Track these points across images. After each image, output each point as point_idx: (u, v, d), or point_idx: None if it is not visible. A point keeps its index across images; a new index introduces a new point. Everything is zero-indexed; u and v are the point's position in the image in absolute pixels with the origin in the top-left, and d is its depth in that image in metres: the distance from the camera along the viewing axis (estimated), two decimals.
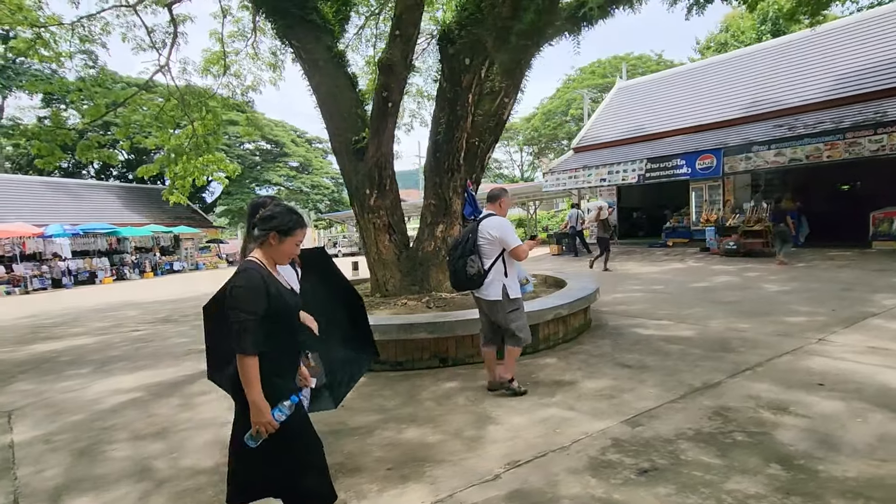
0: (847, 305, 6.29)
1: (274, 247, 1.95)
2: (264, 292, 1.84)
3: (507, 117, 6.98)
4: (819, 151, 11.49)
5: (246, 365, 1.77)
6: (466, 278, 3.69)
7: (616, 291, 8.80)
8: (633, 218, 19.40)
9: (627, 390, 3.77)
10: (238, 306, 1.80)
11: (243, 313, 1.79)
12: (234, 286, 1.84)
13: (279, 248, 1.96)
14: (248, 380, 1.78)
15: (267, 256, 1.96)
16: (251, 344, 1.78)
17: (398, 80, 5.54)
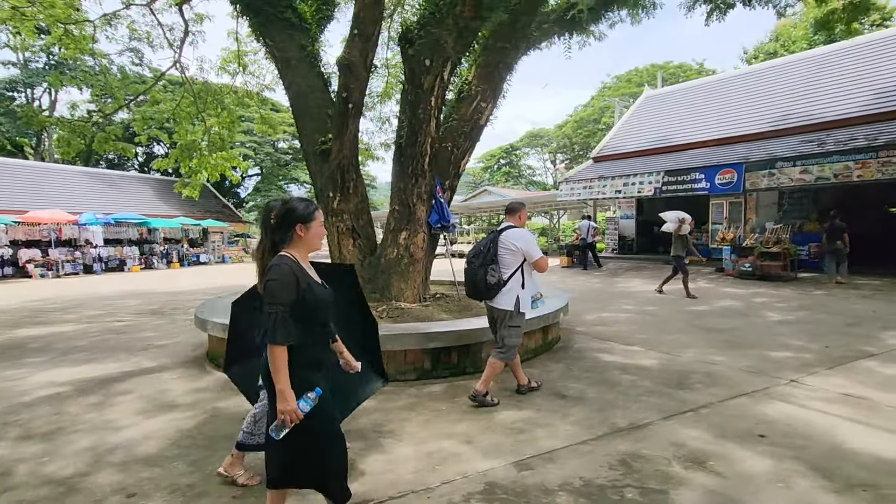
0: (845, 342, 5.66)
1: (303, 237, 2.04)
2: (294, 284, 1.92)
3: (485, 122, 6.69)
4: (849, 170, 10.59)
5: (276, 354, 1.85)
6: (486, 287, 3.77)
7: (606, 310, 8.32)
8: (654, 233, 18.53)
9: (543, 425, 3.43)
10: (272, 299, 1.88)
11: (277, 305, 1.87)
12: (268, 280, 1.92)
13: (308, 236, 2.05)
14: (277, 368, 1.85)
15: (299, 249, 2.05)
16: (282, 335, 1.85)
17: (358, 81, 5.36)
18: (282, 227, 2.03)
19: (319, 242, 2.14)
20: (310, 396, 1.90)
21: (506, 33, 6.11)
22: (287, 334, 1.87)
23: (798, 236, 12.59)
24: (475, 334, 4.67)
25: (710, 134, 15.57)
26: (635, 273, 13.89)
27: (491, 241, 3.88)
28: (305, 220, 2.04)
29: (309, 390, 1.91)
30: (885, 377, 4.36)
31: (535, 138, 56.97)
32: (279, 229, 2.04)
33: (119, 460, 3.00)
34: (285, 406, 1.84)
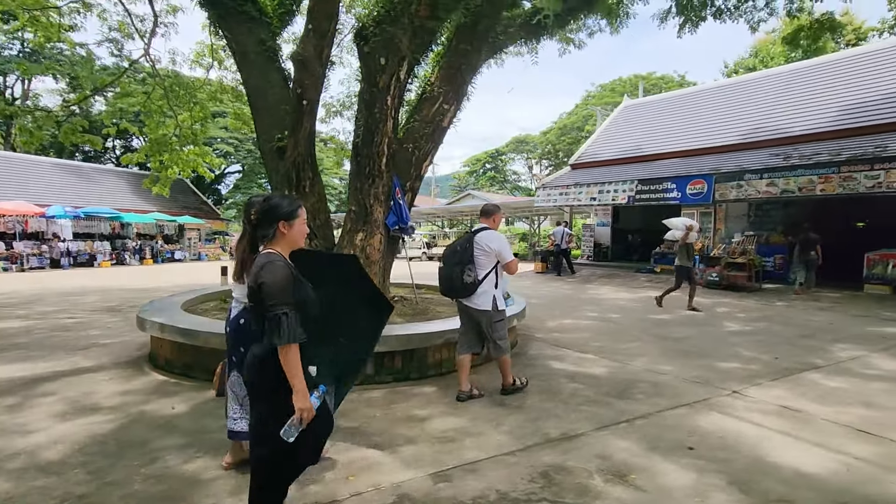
0: (795, 354, 5.70)
1: (287, 234, 2.02)
2: (293, 281, 1.91)
3: (447, 124, 6.62)
4: (812, 184, 10.79)
5: (291, 354, 1.83)
6: (462, 286, 3.91)
7: (569, 317, 8.30)
8: (629, 240, 18.70)
9: (474, 434, 3.34)
10: (275, 299, 1.84)
11: (282, 305, 1.83)
12: (263, 281, 1.86)
13: (292, 233, 2.03)
14: (292, 368, 1.83)
15: (283, 246, 2.02)
16: (293, 333, 1.83)
17: (313, 78, 5.23)
18: (264, 223, 2.02)
19: (303, 239, 2.12)
20: (317, 394, 1.92)
21: (468, 35, 6.05)
22: (298, 332, 1.85)
23: (764, 248, 12.79)
24: (421, 339, 4.58)
25: (684, 145, 15.77)
26: (607, 280, 13.95)
27: (467, 241, 4.00)
28: (289, 217, 2.02)
29: (314, 388, 1.92)
30: (826, 390, 4.38)
31: (521, 144, 57.33)
32: (261, 226, 2.03)
33: (16, 467, 2.82)
34: (304, 404, 1.84)
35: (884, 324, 7.64)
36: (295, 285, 1.92)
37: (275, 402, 1.89)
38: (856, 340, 6.42)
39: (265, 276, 1.87)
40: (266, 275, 1.87)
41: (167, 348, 4.87)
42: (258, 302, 1.89)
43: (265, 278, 1.87)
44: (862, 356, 5.61)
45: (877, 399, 4.12)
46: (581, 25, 13.02)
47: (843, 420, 3.63)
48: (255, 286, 1.89)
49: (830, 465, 2.91)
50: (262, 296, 1.86)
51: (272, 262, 1.91)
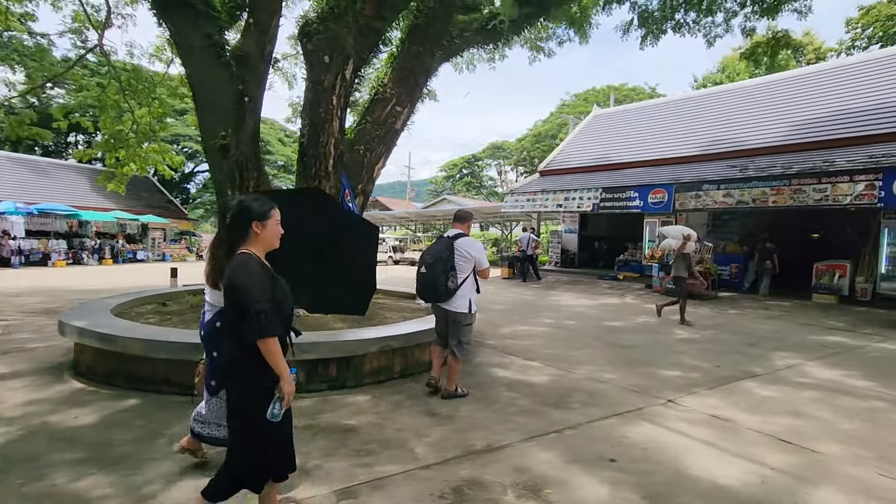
0: (737, 362, 5.78)
1: (261, 234, 2.03)
2: (268, 280, 1.97)
3: (401, 127, 6.52)
4: (765, 196, 11.10)
5: (272, 346, 1.91)
6: (445, 291, 4.05)
7: (526, 323, 8.27)
8: (595, 247, 18.93)
9: (396, 446, 3.22)
10: (251, 296, 1.88)
11: (259, 302, 1.88)
12: (237, 281, 1.91)
13: (266, 234, 2.05)
14: (276, 358, 1.93)
15: (258, 247, 2.05)
16: (273, 327, 1.91)
17: (255, 74, 5.07)
18: (237, 225, 2.03)
19: (277, 240, 2.12)
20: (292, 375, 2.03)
21: (420, 37, 5.98)
22: (276, 325, 1.94)
23: (721, 257, 13.11)
24: (357, 346, 4.45)
25: (648, 154, 16.07)
26: (570, 287, 14.05)
27: (447, 248, 4.11)
28: (261, 218, 2.04)
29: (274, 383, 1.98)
30: (759, 399, 4.43)
31: (498, 150, 57.74)
32: (235, 228, 2.04)
33: None
34: (291, 387, 1.97)
35: (826, 332, 7.86)
36: (272, 284, 1.98)
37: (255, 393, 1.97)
38: (796, 349, 6.57)
39: (239, 276, 1.92)
40: (240, 275, 1.92)
41: (88, 354, 4.60)
42: (232, 301, 1.93)
43: (239, 279, 1.91)
44: (798, 364, 5.73)
45: (805, 408, 4.18)
46: (551, 34, 13.18)
47: (768, 430, 3.66)
48: (228, 286, 1.93)
49: (747, 477, 2.90)
50: (236, 295, 1.90)
51: (246, 262, 1.96)
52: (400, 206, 48.49)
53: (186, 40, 6.06)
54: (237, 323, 1.93)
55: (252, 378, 1.98)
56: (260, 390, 1.96)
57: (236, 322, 1.94)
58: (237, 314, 1.91)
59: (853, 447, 3.37)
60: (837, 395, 4.58)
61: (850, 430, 3.70)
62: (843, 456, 3.23)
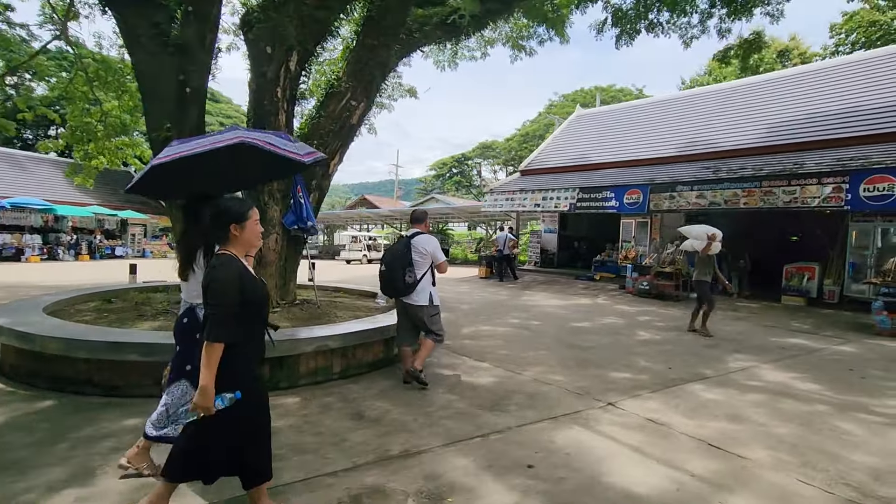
0: (691, 364, 5.73)
1: (239, 236, 2.04)
2: (239, 283, 1.95)
3: (357, 122, 6.39)
4: (737, 197, 11.11)
5: (213, 351, 1.88)
6: (404, 286, 4.34)
7: (489, 323, 8.18)
8: (575, 247, 18.93)
9: (311, 451, 3.10)
10: (216, 298, 1.91)
11: (220, 306, 1.90)
12: (212, 280, 1.93)
13: (245, 235, 2.05)
14: (209, 365, 1.88)
15: (237, 248, 2.05)
16: (223, 332, 1.89)
17: (197, 64, 4.90)
18: (216, 227, 2.04)
19: (258, 240, 2.14)
20: (227, 396, 1.95)
21: (374, 30, 5.84)
22: (228, 333, 1.90)
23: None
24: (291, 345, 4.30)
25: (627, 155, 16.07)
26: (546, 286, 14.00)
27: (405, 246, 4.40)
28: (239, 220, 2.03)
29: (234, 389, 1.97)
30: (701, 402, 4.36)
31: (487, 149, 57.72)
32: (214, 229, 2.05)
33: None
34: (203, 402, 1.89)
35: (788, 335, 7.85)
36: (243, 288, 1.97)
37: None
38: (754, 351, 6.54)
39: (216, 275, 1.94)
40: (217, 275, 1.94)
41: (11, 354, 4.42)
42: (205, 300, 1.96)
43: (215, 277, 1.93)
44: (752, 367, 5.69)
45: (744, 412, 4.12)
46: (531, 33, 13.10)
47: (701, 434, 3.59)
48: (204, 286, 1.96)
49: (664, 484, 2.82)
50: (206, 294, 1.93)
51: (224, 262, 1.97)
52: (387, 204, 48.25)
53: (133, 29, 5.87)
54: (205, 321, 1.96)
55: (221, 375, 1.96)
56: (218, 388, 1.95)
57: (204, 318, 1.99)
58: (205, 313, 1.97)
59: (781, 453, 3.30)
60: (781, 398, 4.53)
61: (783, 434, 3.64)
62: (769, 462, 3.16)
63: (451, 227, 38.47)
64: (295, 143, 3.26)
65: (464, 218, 29.89)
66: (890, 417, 4.09)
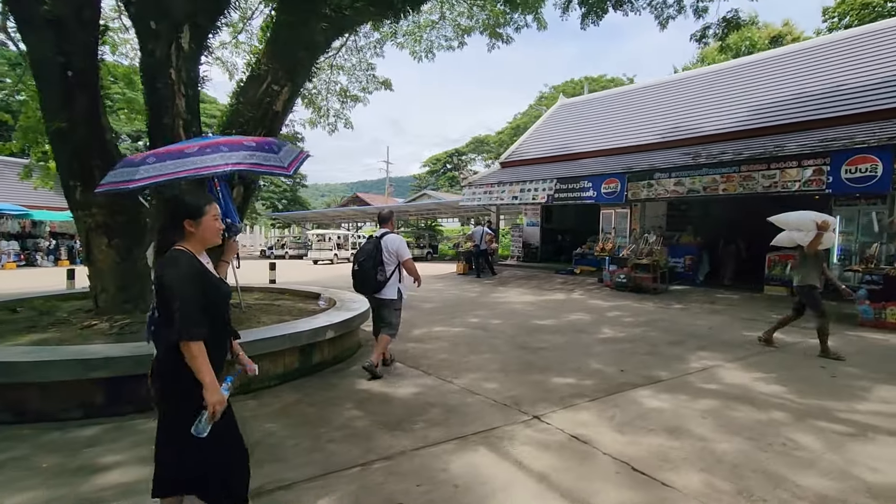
0: (647, 365, 5.21)
1: (195, 232, 1.93)
2: (200, 276, 1.86)
3: (281, 109, 5.84)
4: (716, 183, 10.56)
5: (195, 350, 1.76)
6: (376, 283, 4.68)
7: (446, 323, 7.65)
8: (558, 240, 18.37)
9: (142, 490, 2.58)
10: (175, 293, 1.77)
11: (183, 299, 1.77)
12: (163, 274, 1.80)
13: (201, 231, 1.94)
14: (200, 364, 1.77)
15: (193, 244, 1.94)
16: (198, 330, 1.77)
17: (75, 43, 4.37)
18: (171, 223, 1.95)
19: (216, 236, 1.99)
20: (226, 383, 1.89)
21: (289, 5, 5.29)
22: (197, 328, 1.78)
23: (676, 248, 12.58)
24: None
25: (606, 143, 15.52)
26: (524, 282, 13.47)
27: (375, 246, 4.72)
28: (194, 216, 1.93)
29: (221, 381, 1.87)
30: (642, 412, 3.84)
31: (480, 144, 57.19)
32: (169, 225, 1.95)
33: None
34: (214, 397, 1.79)
35: (764, 328, 7.32)
36: (202, 280, 1.87)
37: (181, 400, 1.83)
38: (720, 348, 6.01)
39: (168, 269, 1.81)
40: (166, 272, 1.81)
41: None
42: (159, 300, 1.84)
43: (165, 276, 1.80)
44: (713, 367, 5.16)
45: (688, 423, 3.59)
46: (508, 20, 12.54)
47: (628, 454, 3.06)
48: (157, 284, 1.84)
49: None
50: (163, 293, 1.80)
51: (176, 256, 1.86)
52: (380, 201, 47.74)
53: (22, 13, 5.32)
54: (165, 323, 1.81)
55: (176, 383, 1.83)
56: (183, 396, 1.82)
57: (164, 322, 1.82)
58: (164, 313, 1.81)
59: (716, 477, 2.78)
60: (736, 404, 4.01)
61: (725, 452, 3.11)
62: (697, 489, 2.64)
63: (441, 223, 37.99)
64: (279, 152, 2.96)
65: (450, 213, 29.34)
66: (854, 426, 3.57)
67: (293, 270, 18.53)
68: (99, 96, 4.89)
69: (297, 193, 41.50)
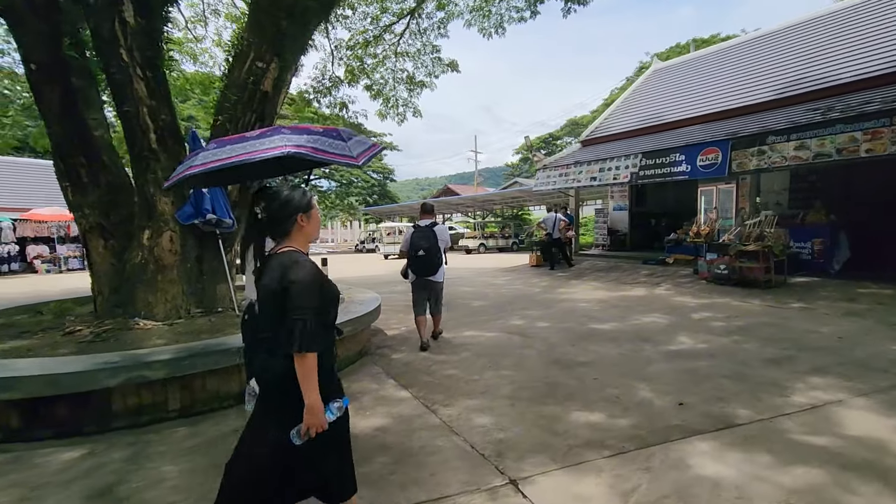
0: (721, 395, 3.69)
1: (305, 227, 1.86)
2: (320, 284, 1.77)
3: (270, 89, 5.20)
4: (856, 143, 8.01)
5: (308, 363, 1.65)
6: (436, 267, 5.27)
7: (482, 327, 6.60)
8: (651, 225, 16.00)
9: None
10: (301, 303, 1.67)
11: (306, 309, 1.67)
12: (292, 281, 1.68)
13: (310, 226, 1.88)
14: (309, 380, 1.66)
15: (301, 242, 1.86)
16: (317, 341, 1.67)
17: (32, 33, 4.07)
18: (280, 218, 1.82)
19: (318, 231, 1.97)
20: (334, 406, 1.76)
21: None
22: (321, 340, 1.70)
23: (799, 230, 9.98)
24: (84, 380, 3.22)
25: (707, 108, 12.98)
26: (602, 275, 11.74)
27: (433, 235, 5.24)
28: (306, 209, 1.85)
29: (335, 398, 1.78)
30: (685, 483, 2.49)
31: (576, 126, 54.02)
32: (278, 222, 1.83)
33: None
34: (315, 420, 1.66)
35: None
36: (323, 286, 1.78)
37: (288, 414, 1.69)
38: (848, 372, 4.18)
39: (297, 276, 1.69)
40: (298, 275, 1.69)
41: None
42: (281, 306, 1.68)
43: (297, 278, 1.68)
44: (829, 404, 3.48)
45: None
46: None
47: None
48: (281, 289, 1.69)
49: None
50: (287, 299, 1.67)
51: (300, 261, 1.75)
52: (469, 192, 47.20)
53: None
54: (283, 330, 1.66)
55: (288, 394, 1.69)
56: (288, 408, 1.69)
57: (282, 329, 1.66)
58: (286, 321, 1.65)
59: None
60: (856, 477, 2.47)
61: None
62: None
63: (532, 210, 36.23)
64: (348, 141, 2.55)
65: (535, 201, 27.62)
66: None
67: (356, 265, 18.47)
68: (74, 91, 4.64)
69: (385, 188, 42.36)
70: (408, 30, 14.82)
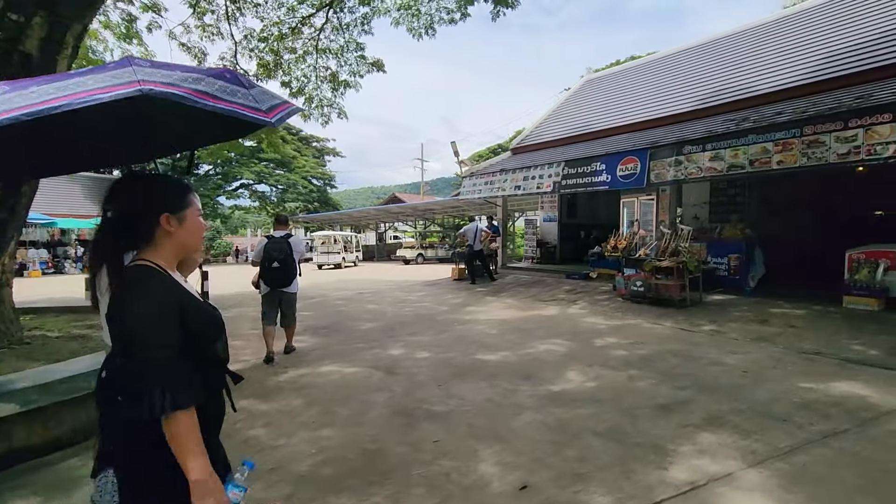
0: (583, 467, 2.77)
1: (174, 233, 1.22)
2: (177, 309, 1.14)
3: (34, 51, 3.92)
4: (768, 154, 7.59)
5: (181, 424, 1.06)
6: (290, 278, 5.32)
7: (348, 359, 5.49)
8: (581, 238, 15.52)
9: None
10: (147, 340, 1.07)
11: (157, 349, 1.07)
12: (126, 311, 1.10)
13: (183, 233, 1.23)
14: (188, 446, 1.07)
15: (165, 253, 1.22)
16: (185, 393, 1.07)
17: None
18: (136, 218, 1.19)
19: (200, 242, 1.32)
20: (237, 477, 1.18)
21: None
22: (191, 391, 1.09)
23: (717, 245, 9.59)
24: None
25: (630, 118, 12.61)
26: (523, 290, 10.95)
27: (287, 245, 5.28)
28: (175, 207, 1.22)
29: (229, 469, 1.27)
30: None
31: None
32: (130, 225, 1.18)
33: None
34: (210, 498, 1.06)
35: (837, 372, 4.51)
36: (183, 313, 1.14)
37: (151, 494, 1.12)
38: (747, 422, 3.38)
39: (133, 304, 1.10)
40: (134, 303, 1.10)
41: None
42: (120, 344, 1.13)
43: (133, 308, 1.09)
44: (717, 479, 2.61)
45: None
46: None
47: None
48: (116, 320, 1.11)
49: None
50: (125, 337, 1.09)
51: (143, 278, 1.14)
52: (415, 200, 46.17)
53: None
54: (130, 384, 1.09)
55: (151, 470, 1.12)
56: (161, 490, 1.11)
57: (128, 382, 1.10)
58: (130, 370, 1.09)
59: None
60: None
61: None
62: None
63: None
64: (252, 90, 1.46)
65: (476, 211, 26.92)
66: None
67: None
68: None
69: (326, 195, 40.58)
70: (328, 23, 13.78)
